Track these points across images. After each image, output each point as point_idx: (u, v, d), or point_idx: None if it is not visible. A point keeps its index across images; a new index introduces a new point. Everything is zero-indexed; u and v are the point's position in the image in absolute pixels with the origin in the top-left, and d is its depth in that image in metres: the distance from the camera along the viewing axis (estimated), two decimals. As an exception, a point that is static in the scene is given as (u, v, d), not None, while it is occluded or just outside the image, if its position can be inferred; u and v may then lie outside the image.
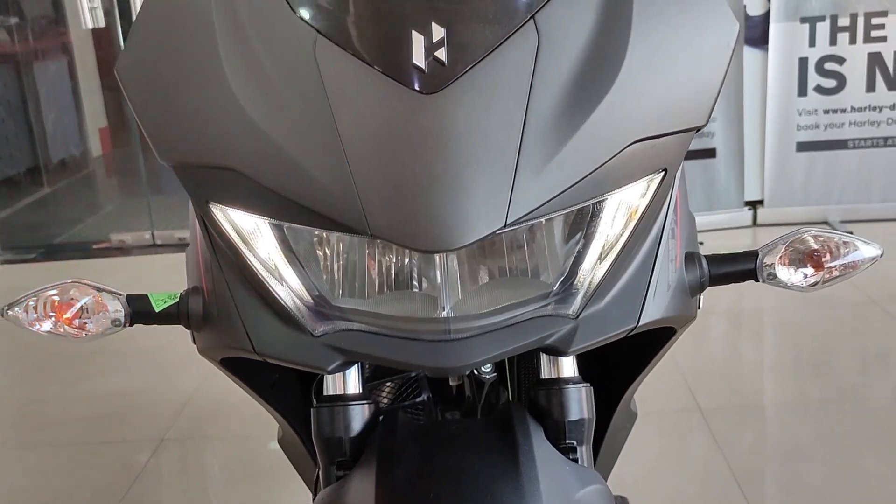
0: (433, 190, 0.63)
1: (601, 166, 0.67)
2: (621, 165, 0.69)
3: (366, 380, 0.93)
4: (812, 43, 3.56)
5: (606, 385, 1.01)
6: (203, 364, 0.96)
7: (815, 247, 0.82)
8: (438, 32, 0.66)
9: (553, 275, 0.72)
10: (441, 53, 0.65)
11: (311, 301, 0.73)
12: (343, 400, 0.84)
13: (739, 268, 0.85)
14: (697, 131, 0.74)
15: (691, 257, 0.84)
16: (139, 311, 0.85)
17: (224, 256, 0.77)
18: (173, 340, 0.80)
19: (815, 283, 0.82)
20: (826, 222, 3.70)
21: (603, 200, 0.70)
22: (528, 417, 0.84)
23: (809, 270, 0.82)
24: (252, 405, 1.06)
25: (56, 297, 0.82)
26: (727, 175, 3.71)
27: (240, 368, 0.90)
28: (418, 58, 0.65)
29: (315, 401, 0.87)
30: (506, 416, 0.85)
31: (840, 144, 3.63)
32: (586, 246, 0.72)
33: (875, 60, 3.53)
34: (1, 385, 2.83)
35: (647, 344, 0.91)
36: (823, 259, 0.81)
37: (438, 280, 0.70)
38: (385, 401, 1.00)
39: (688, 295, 0.83)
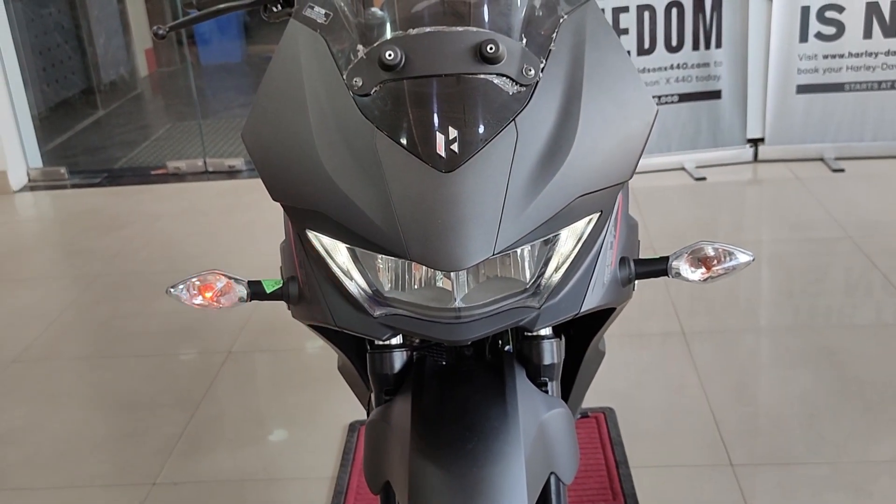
0: (448, 234, 1.00)
1: (556, 214, 1.05)
2: (570, 211, 1.06)
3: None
4: (814, -8, 3.81)
5: (579, 334, 1.40)
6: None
7: (710, 254, 1.19)
8: (453, 133, 1.02)
9: (527, 278, 1.11)
10: (455, 147, 1.02)
11: (371, 292, 1.12)
12: (389, 348, 1.25)
13: (656, 268, 1.22)
14: (624, 183, 1.12)
15: (624, 261, 1.21)
16: (256, 291, 1.22)
17: (313, 259, 1.16)
18: (229, 268, 1.09)
19: (706, 279, 1.20)
20: (822, 159, 4.01)
21: (557, 234, 1.08)
22: (515, 362, 1.25)
23: (703, 270, 1.20)
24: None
25: (198, 283, 1.21)
26: (731, 114, 4.02)
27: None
28: (440, 150, 1.02)
29: (369, 347, 1.28)
30: (499, 362, 1.25)
31: (837, 87, 3.91)
32: (547, 261, 1.10)
33: (872, 9, 3.78)
34: (85, 301, 3.27)
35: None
36: (712, 264, 1.19)
37: (452, 283, 1.09)
38: (417, 348, 1.39)
39: (620, 287, 1.21)
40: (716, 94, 3.99)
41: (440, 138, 1.03)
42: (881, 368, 2.46)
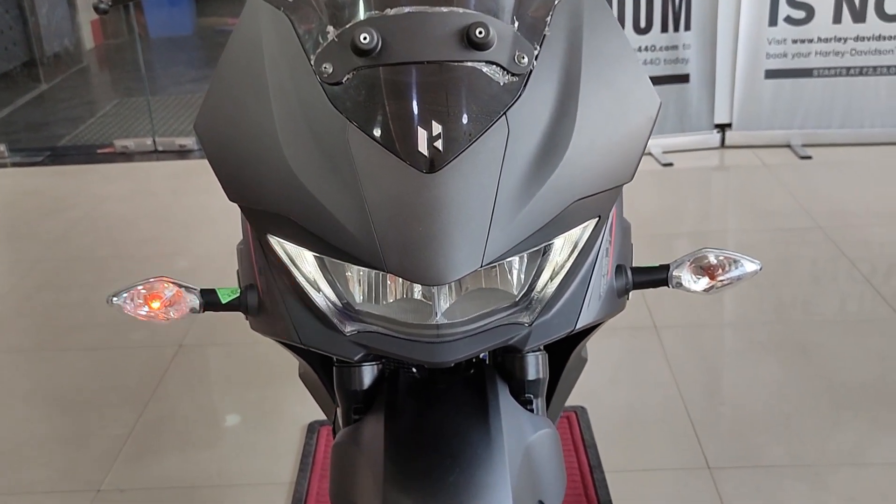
0: (430, 243, 0.88)
1: (551, 221, 0.93)
2: (565, 217, 0.95)
3: None
4: (785, -26, 3.73)
5: (560, 343, 1.29)
6: (210, 281, 1.20)
7: (714, 262, 1.09)
8: (437, 128, 0.90)
9: (516, 291, 1.00)
10: (438, 144, 0.90)
11: (340, 305, 1.00)
12: (358, 361, 1.13)
13: (655, 277, 1.11)
14: (624, 185, 1.01)
15: (620, 269, 1.10)
16: (210, 301, 1.09)
17: (275, 267, 1.04)
18: (180, 254, 0.99)
19: (709, 289, 1.10)
20: (789, 146, 3.96)
21: (551, 243, 0.97)
22: (497, 378, 1.13)
23: (706, 280, 1.09)
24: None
25: (144, 292, 1.08)
26: (699, 99, 3.94)
27: None
28: (422, 147, 0.90)
29: (336, 360, 1.16)
30: (480, 377, 1.14)
31: (805, 73, 3.85)
32: (539, 272, 0.98)
33: (843, -6, 3.72)
34: (25, 289, 3.09)
35: None
36: (717, 273, 1.08)
37: (433, 297, 0.97)
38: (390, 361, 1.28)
39: (616, 298, 1.10)
40: (684, 78, 3.90)
41: (422, 134, 0.90)
42: (853, 362, 2.40)
